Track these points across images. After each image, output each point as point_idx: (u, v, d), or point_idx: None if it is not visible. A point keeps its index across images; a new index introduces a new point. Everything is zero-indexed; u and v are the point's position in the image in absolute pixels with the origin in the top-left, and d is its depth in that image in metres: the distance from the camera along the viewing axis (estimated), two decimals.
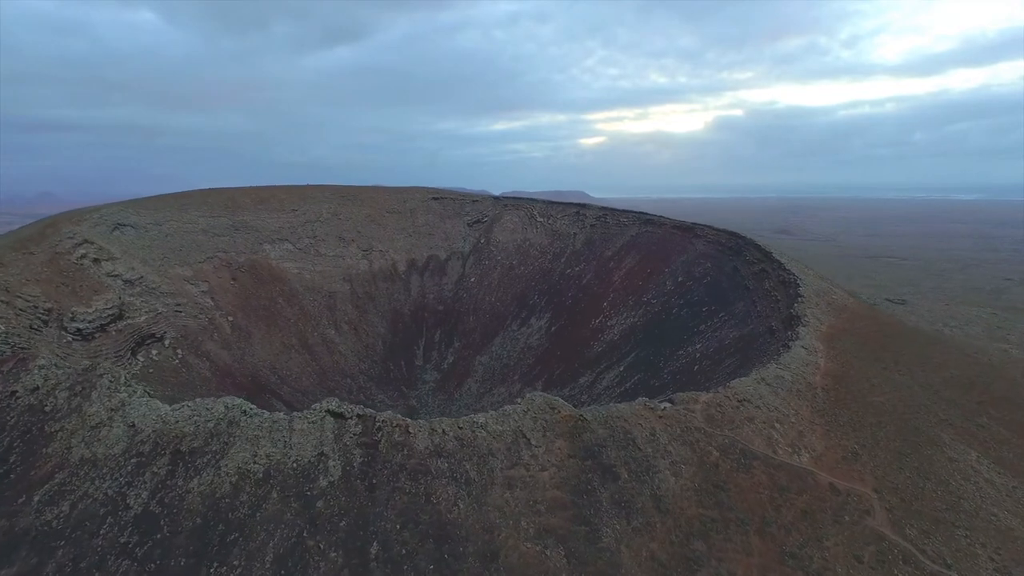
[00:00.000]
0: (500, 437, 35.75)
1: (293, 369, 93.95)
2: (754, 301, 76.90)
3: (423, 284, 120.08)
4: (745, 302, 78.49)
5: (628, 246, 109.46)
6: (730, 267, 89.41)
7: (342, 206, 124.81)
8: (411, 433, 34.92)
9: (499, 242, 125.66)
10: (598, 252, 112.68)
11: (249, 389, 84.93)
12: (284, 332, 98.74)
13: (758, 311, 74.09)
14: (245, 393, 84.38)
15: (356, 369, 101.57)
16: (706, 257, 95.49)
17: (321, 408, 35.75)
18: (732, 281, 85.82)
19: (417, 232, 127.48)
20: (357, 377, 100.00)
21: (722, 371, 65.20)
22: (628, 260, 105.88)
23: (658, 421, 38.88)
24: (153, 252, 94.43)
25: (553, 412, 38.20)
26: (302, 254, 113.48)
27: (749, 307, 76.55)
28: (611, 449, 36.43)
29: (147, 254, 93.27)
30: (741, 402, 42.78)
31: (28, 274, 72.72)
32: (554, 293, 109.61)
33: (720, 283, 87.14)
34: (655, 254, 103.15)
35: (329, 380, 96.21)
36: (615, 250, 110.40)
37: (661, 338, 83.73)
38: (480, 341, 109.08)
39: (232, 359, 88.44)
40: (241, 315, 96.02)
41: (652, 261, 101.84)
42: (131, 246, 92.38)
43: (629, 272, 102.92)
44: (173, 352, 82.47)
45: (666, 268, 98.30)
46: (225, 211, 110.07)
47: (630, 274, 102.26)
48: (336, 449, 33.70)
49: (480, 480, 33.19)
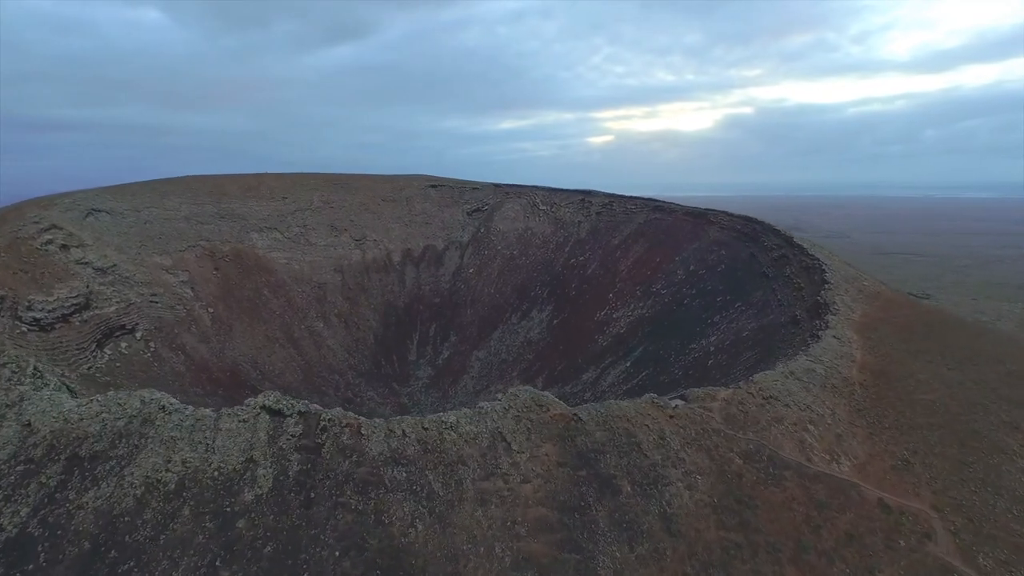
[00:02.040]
0: (474, 440, 29.19)
1: (276, 364, 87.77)
2: (774, 289, 70.07)
3: (419, 275, 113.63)
4: (764, 291, 71.72)
5: (636, 234, 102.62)
6: (746, 254, 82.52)
7: (335, 194, 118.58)
8: (363, 435, 28.44)
9: (499, 231, 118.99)
10: (604, 241, 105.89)
11: (227, 385, 78.86)
12: (268, 325, 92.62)
13: (779, 300, 67.29)
14: (222, 389, 78.38)
15: (345, 364, 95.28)
16: (720, 244, 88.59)
17: (256, 403, 29.37)
18: (749, 269, 79.02)
19: (413, 221, 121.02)
20: (345, 373, 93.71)
21: (740, 365, 58.51)
22: (636, 249, 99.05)
23: (669, 422, 32.19)
24: (129, 239, 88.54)
25: (541, 410, 31.62)
26: (291, 243, 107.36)
27: (768, 296, 69.72)
28: (611, 456, 29.83)
29: (123, 241, 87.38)
30: (767, 399, 36.04)
31: None
32: (557, 284, 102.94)
33: (736, 271, 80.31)
34: (665, 242, 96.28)
35: (315, 376, 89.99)
36: (622, 238, 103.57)
37: (671, 331, 77.03)
38: (477, 335, 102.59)
39: (210, 353, 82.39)
40: (222, 306, 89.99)
41: (662, 249, 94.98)
42: (105, 233, 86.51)
43: (637, 261, 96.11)
44: (145, 345, 76.48)
45: (677, 256, 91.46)
46: (210, 198, 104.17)
47: (638, 263, 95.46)
48: (269, 454, 27.28)
49: (446, 494, 26.66)
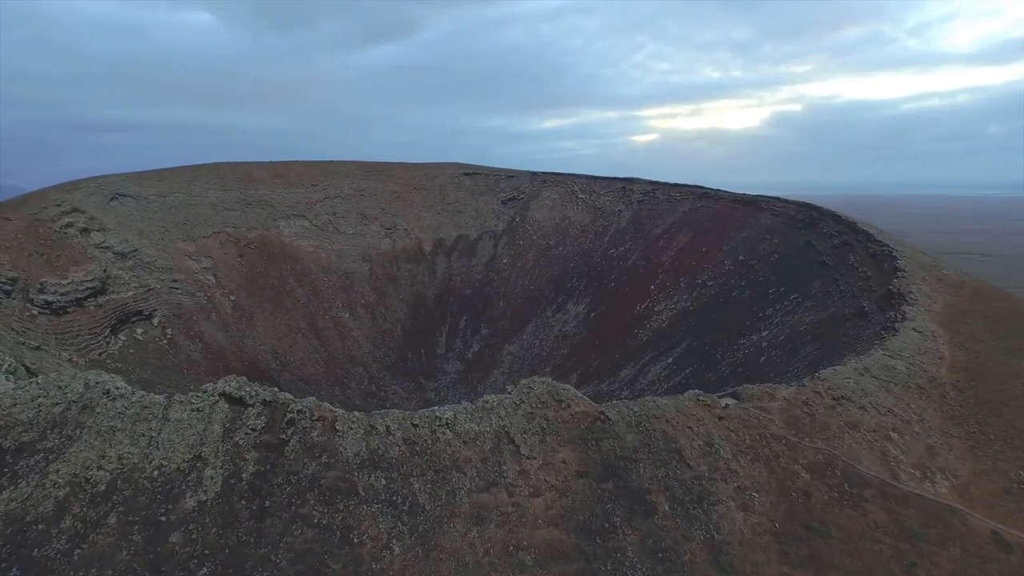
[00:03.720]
0: (474, 442, 23.77)
1: (297, 354, 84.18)
2: (835, 279, 62.79)
3: (450, 266, 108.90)
4: (823, 281, 64.56)
5: (680, 223, 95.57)
6: (802, 242, 75.10)
7: (366, 182, 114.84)
8: (338, 431, 23.32)
9: (535, 220, 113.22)
10: (646, 230, 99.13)
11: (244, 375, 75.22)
12: (291, 314, 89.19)
13: (841, 290, 60.09)
14: None
15: (370, 356, 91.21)
16: (773, 232, 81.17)
17: (214, 389, 24.57)
18: (805, 258, 71.77)
19: (446, 210, 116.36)
20: (370, 365, 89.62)
21: (798, 363, 51.78)
22: (680, 238, 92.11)
23: (718, 424, 26.14)
24: (153, 225, 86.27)
25: (559, 407, 25.98)
26: (319, 231, 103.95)
27: (829, 286, 62.51)
28: (645, 465, 24.04)
29: (146, 226, 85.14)
30: (837, 400, 29.58)
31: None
32: (595, 276, 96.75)
33: (790, 260, 73.13)
34: (711, 231, 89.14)
35: (338, 367, 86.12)
36: (665, 227, 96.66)
37: (718, 325, 70.45)
38: (510, 329, 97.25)
39: (229, 341, 79.21)
40: (245, 294, 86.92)
41: (708, 238, 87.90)
42: (129, 217, 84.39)
43: (681, 251, 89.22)
44: (162, 332, 73.65)
45: (724, 246, 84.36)
46: (238, 185, 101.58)
47: (682, 253, 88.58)
48: (221, 451, 22.41)
49: (433, 508, 21.31)
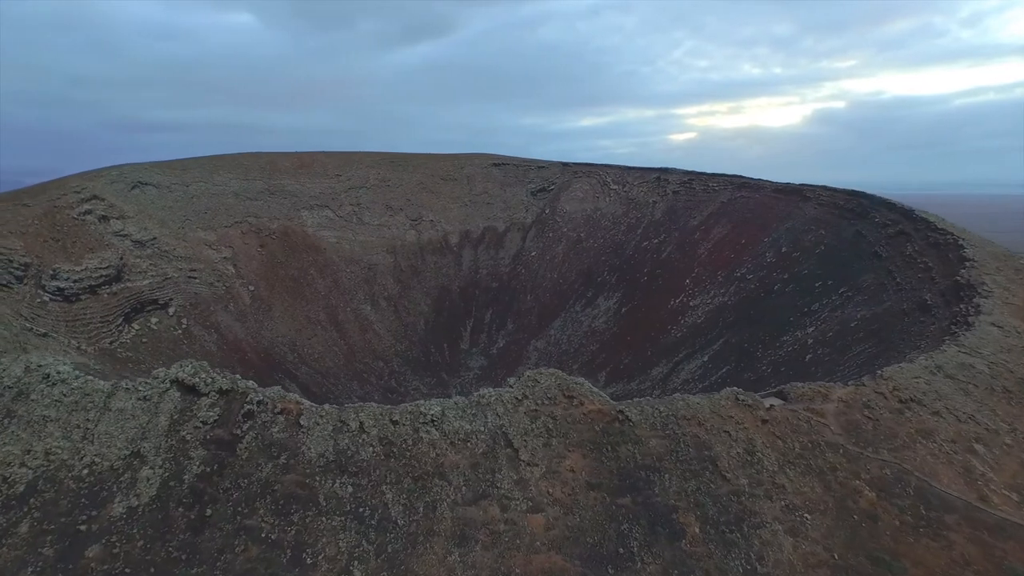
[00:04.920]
0: (464, 444, 19.83)
1: (316, 347, 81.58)
2: (890, 271, 57.09)
3: (476, 258, 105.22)
4: (876, 273, 58.97)
5: (718, 214, 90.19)
6: (851, 233, 69.35)
7: (392, 172, 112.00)
8: (303, 427, 19.64)
9: (566, 212, 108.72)
10: (681, 222, 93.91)
11: (258, 367, 73.08)
12: (311, 306, 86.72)
13: (897, 283, 54.41)
14: (253, 371, 72.63)
15: (391, 350, 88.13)
16: (818, 223, 75.45)
17: (166, 376, 21.12)
18: (855, 249, 66.15)
19: (474, 201, 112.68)
20: (391, 359, 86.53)
21: (849, 362, 46.63)
22: (718, 230, 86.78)
23: (760, 429, 21.66)
24: (173, 213, 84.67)
25: (569, 403, 21.87)
26: (343, 222, 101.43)
27: (883, 279, 56.86)
28: (671, 477, 19.77)
29: (166, 215, 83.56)
30: (905, 403, 24.75)
31: (12, 226, 63.62)
32: (627, 269, 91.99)
33: (838, 252, 67.58)
34: (751, 221, 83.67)
35: (357, 361, 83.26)
36: (702, 219, 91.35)
37: (759, 321, 65.46)
38: (537, 323, 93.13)
39: (245, 332, 77.03)
40: (264, 285, 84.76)
41: (748, 230, 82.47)
42: (149, 206, 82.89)
43: (719, 243, 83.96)
44: (177, 321, 71.74)
45: (765, 237, 78.94)
46: (261, 174, 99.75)
47: (720, 246, 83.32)
48: (164, 447, 18.92)
49: (408, 524, 17.44)
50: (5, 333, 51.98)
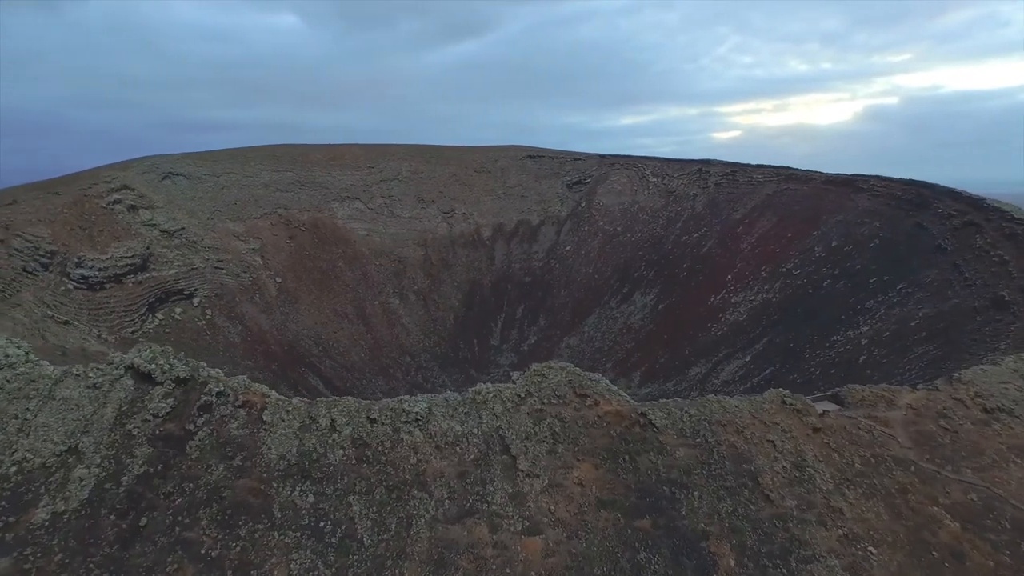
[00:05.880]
0: (452, 448, 16.74)
1: (342, 341, 79.82)
2: (957, 265, 51.90)
3: (509, 252, 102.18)
4: (940, 268, 53.85)
5: (763, 207, 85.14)
6: (910, 225, 63.98)
7: (424, 164, 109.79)
8: (265, 423, 16.88)
9: (602, 205, 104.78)
10: (723, 215, 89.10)
11: (282, 360, 71.65)
12: (339, 299, 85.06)
13: (966, 278, 49.33)
14: (276, 364, 71.28)
15: (419, 345, 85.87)
16: (873, 215, 70.07)
17: (121, 361, 18.63)
18: (914, 242, 60.93)
19: (507, 194, 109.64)
20: (418, 355, 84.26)
21: (911, 364, 42.06)
22: (762, 223, 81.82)
23: (811, 439, 17.94)
24: (203, 204, 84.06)
25: (581, 403, 18.57)
26: (374, 214, 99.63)
27: (949, 274, 51.73)
28: (702, 495, 16.31)
29: (196, 206, 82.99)
30: (991, 412, 20.63)
31: (41, 214, 63.39)
32: (665, 264, 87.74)
33: (895, 246, 62.43)
34: (799, 214, 78.55)
35: (383, 356, 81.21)
36: (745, 212, 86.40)
37: (806, 319, 60.97)
38: (570, 320, 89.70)
39: (270, 324, 75.68)
40: (291, 277, 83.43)
41: (795, 223, 77.40)
42: (179, 196, 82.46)
43: (763, 237, 79.04)
44: (201, 312, 70.75)
45: (814, 231, 73.85)
46: (293, 166, 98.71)
47: (764, 239, 78.40)
48: (105, 443, 16.38)
49: (375, 543, 14.45)
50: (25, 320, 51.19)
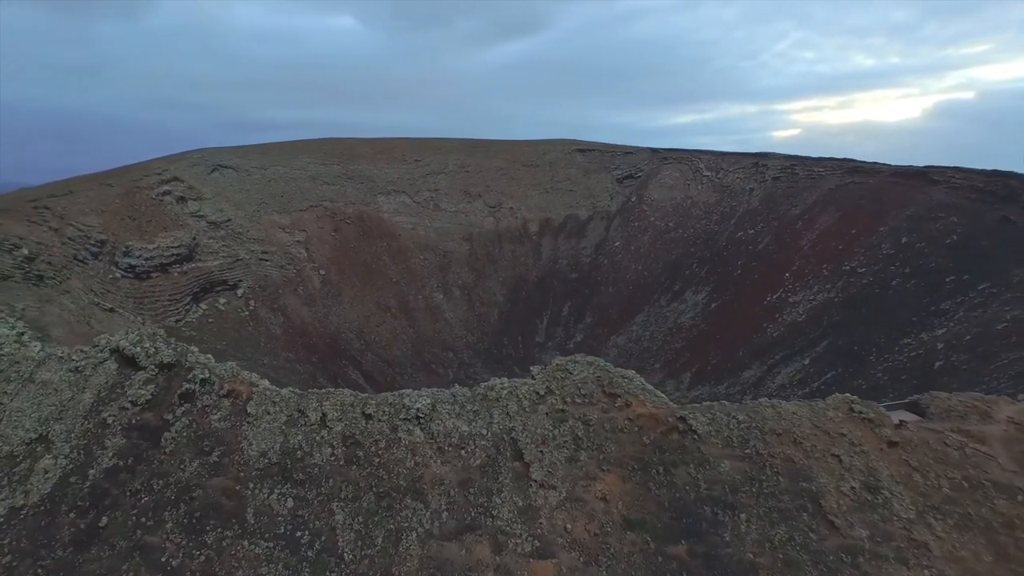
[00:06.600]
0: (456, 451, 14.55)
1: (383, 334, 78.92)
2: None
3: (556, 247, 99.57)
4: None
5: (824, 201, 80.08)
6: (994, 219, 58.79)
7: (471, 158, 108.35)
8: (249, 415, 15.08)
9: (653, 200, 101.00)
10: (781, 210, 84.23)
11: (323, 352, 71.15)
12: (382, 292, 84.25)
13: None
14: (317, 356, 70.83)
15: (462, 341, 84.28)
16: (949, 209, 64.71)
17: (107, 344, 17.18)
18: (999, 238, 55.98)
19: (556, 188, 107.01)
20: (461, 351, 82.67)
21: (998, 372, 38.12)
22: (824, 219, 76.85)
23: (886, 455, 14.94)
24: (250, 196, 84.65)
25: (610, 404, 16.10)
26: (419, 208, 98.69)
27: None
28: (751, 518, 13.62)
29: (243, 198, 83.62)
30: None
31: (94, 204, 64.64)
32: (718, 261, 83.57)
33: (975, 242, 57.45)
34: (864, 209, 73.42)
35: (425, 351, 79.91)
36: (805, 207, 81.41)
37: (873, 320, 56.70)
38: (618, 318, 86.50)
39: (313, 317, 75.36)
40: (335, 270, 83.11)
41: (860, 218, 72.33)
42: (227, 188, 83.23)
43: (825, 234, 74.18)
44: (245, 303, 70.87)
45: (881, 226, 68.75)
46: (339, 159, 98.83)
47: (826, 236, 73.56)
48: (78, 431, 14.87)
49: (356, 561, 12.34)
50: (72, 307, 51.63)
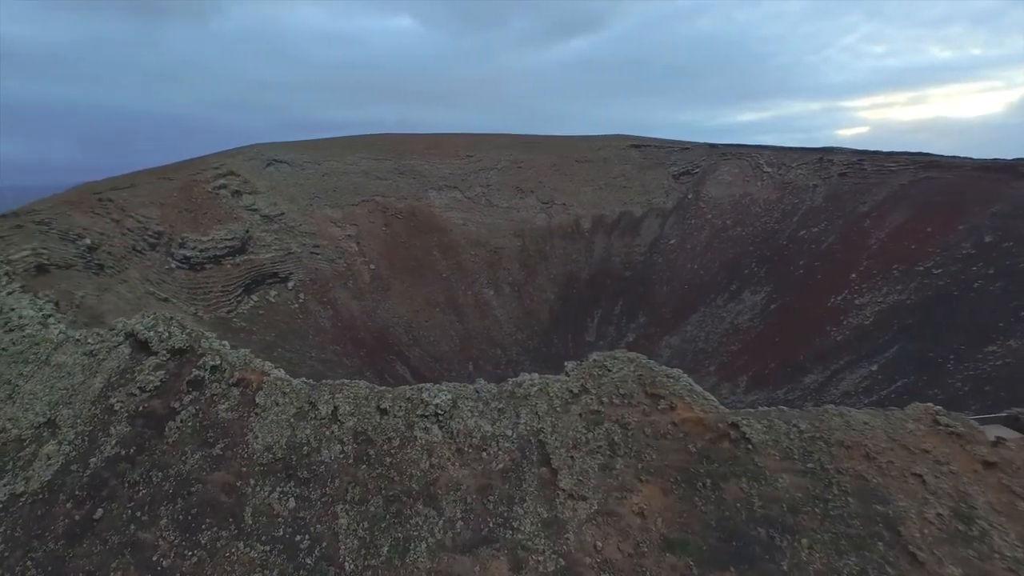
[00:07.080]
0: (477, 453, 13.15)
1: (432, 330, 78.55)
2: None
3: (609, 244, 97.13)
4: None
5: (895, 198, 74.97)
6: None
7: (524, 153, 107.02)
8: (258, 406, 14.07)
9: (710, 197, 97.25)
10: (847, 208, 79.38)
11: (371, 347, 71.26)
12: (431, 288, 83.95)
13: None
14: (364, 350, 70.97)
15: (510, 339, 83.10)
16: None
17: (123, 328, 16.53)
18: None
19: (609, 184, 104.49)
20: (509, 348, 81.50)
21: None
22: (894, 216, 71.93)
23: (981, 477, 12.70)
24: (303, 190, 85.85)
25: (653, 406, 14.39)
26: (471, 203, 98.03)
27: None
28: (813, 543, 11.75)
29: (296, 192, 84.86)
30: None
31: (153, 197, 66.59)
32: (778, 260, 79.47)
33: None
34: (940, 206, 68.27)
35: (473, 347, 79.13)
36: (874, 204, 76.40)
37: (951, 325, 52.40)
38: (672, 318, 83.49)
39: (361, 311, 75.63)
40: (385, 264, 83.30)
41: (935, 216, 67.28)
42: (281, 183, 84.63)
43: (895, 232, 69.37)
44: (295, 296, 71.74)
45: (961, 225, 63.71)
46: (392, 155, 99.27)
47: (897, 235, 68.77)
48: (84, 417, 14.19)
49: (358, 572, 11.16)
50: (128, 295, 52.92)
